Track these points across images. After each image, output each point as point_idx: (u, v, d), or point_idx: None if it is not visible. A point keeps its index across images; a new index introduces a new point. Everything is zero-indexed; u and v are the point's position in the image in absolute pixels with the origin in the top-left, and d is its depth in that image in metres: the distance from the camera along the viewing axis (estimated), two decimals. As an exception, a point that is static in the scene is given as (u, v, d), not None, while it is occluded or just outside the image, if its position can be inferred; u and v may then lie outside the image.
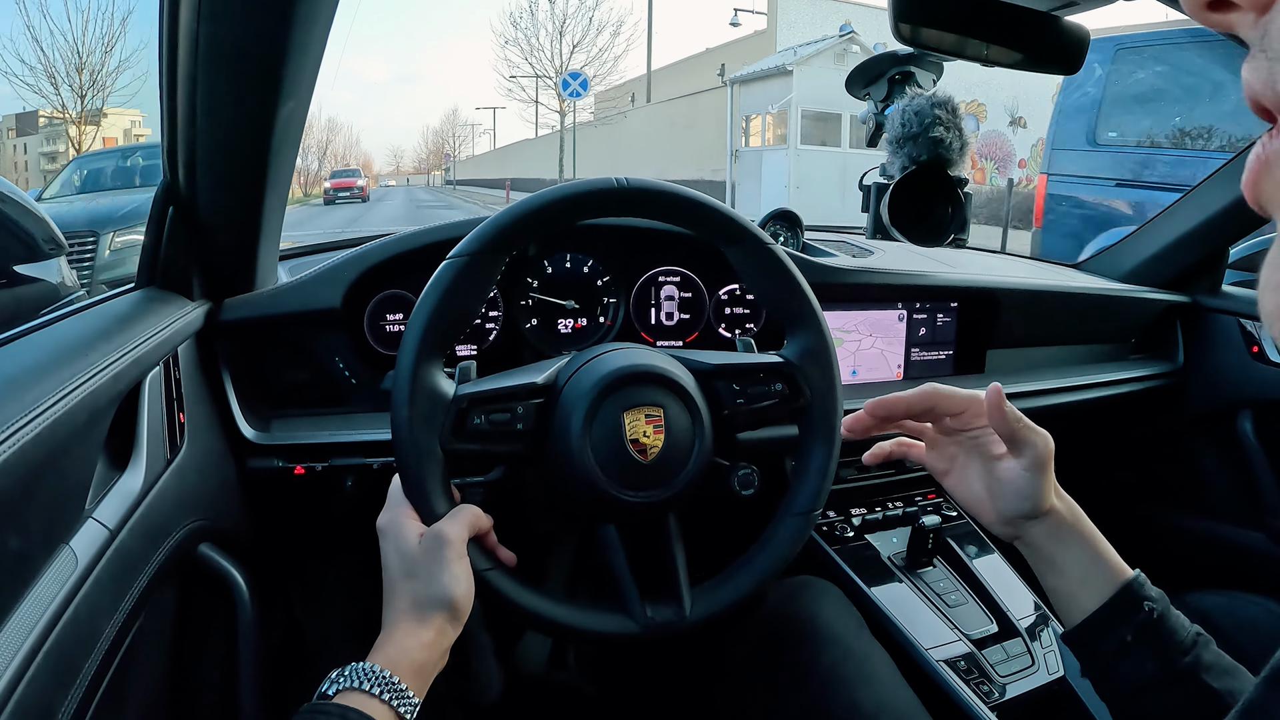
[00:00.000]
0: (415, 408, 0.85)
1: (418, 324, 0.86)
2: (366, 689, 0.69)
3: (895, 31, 1.09)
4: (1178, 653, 0.74)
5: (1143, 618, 0.77)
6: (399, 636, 0.76)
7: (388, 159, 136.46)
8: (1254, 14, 0.29)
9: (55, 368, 0.71)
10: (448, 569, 0.78)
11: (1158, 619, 0.77)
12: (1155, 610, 0.77)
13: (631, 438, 0.90)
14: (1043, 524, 0.84)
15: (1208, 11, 0.31)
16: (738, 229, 0.98)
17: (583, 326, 1.40)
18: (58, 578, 0.66)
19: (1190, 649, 0.75)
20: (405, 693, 0.71)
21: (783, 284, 0.99)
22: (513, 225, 0.90)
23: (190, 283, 1.08)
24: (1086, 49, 1.10)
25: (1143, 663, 0.75)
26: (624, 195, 0.94)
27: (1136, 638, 0.76)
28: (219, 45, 0.82)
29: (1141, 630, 0.76)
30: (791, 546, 0.97)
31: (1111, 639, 0.77)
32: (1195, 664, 0.74)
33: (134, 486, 0.82)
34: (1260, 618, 1.46)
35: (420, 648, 0.75)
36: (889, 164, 1.29)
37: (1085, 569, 0.82)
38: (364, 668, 0.71)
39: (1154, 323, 1.87)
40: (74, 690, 0.66)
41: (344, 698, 0.69)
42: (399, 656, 0.74)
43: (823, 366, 0.99)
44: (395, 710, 0.70)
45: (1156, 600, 0.78)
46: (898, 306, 1.56)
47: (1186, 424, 1.87)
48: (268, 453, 1.13)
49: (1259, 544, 1.73)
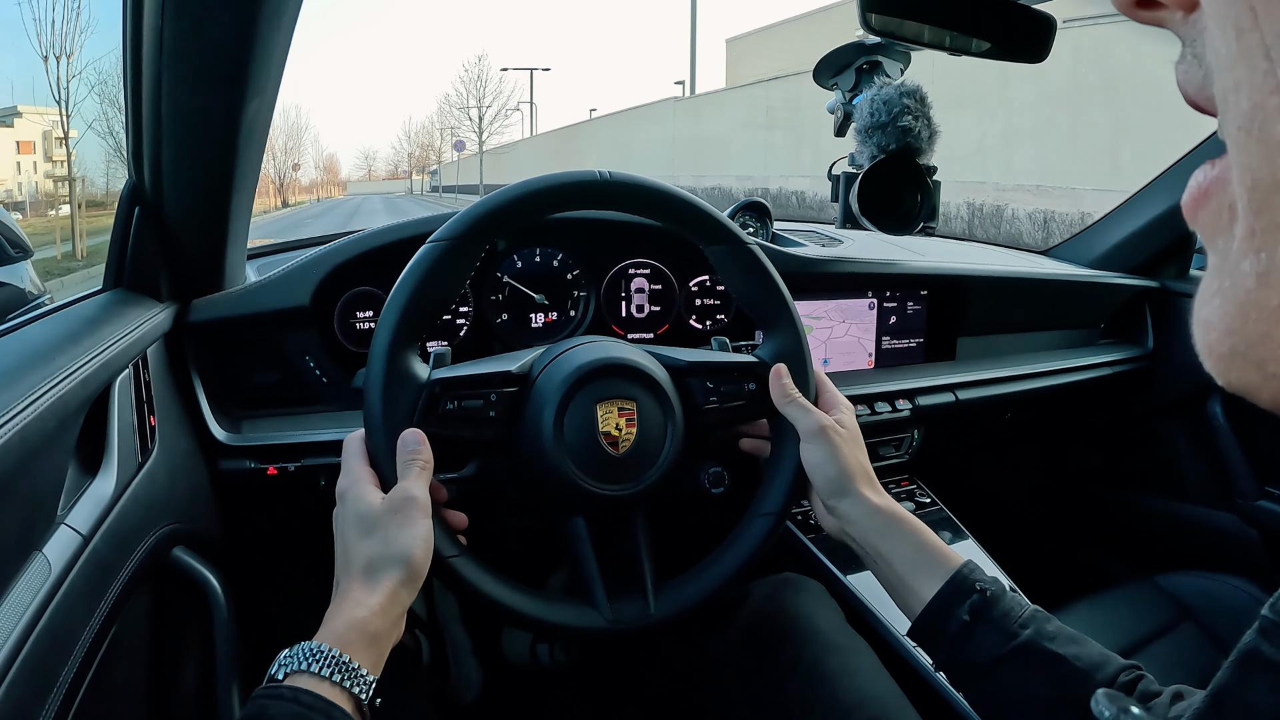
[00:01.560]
0: (389, 389, 0.84)
1: (395, 306, 0.86)
2: (315, 670, 0.66)
3: (863, 21, 1.09)
4: (1016, 625, 0.77)
5: (976, 599, 0.80)
6: (348, 607, 0.72)
7: (358, 163, 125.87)
8: (1181, 12, 0.29)
9: (23, 373, 0.70)
10: (410, 527, 0.77)
11: (991, 598, 0.80)
12: (989, 591, 0.80)
13: (604, 430, 0.91)
14: (864, 515, 0.90)
15: (1136, 9, 0.31)
16: (720, 229, 0.98)
17: (553, 320, 1.40)
18: (32, 585, 0.65)
19: (1029, 622, 0.78)
20: (358, 671, 0.68)
21: (761, 285, 1.00)
22: (495, 213, 0.90)
23: (158, 284, 1.07)
24: (1053, 37, 1.11)
25: (984, 638, 0.78)
26: (607, 188, 0.94)
27: (974, 616, 0.79)
28: (183, 44, 0.82)
29: (977, 610, 0.79)
30: (760, 546, 0.98)
31: (952, 621, 0.80)
32: (1037, 634, 0.76)
33: (106, 491, 0.81)
34: (1233, 598, 1.48)
35: (371, 616, 0.72)
36: (858, 153, 1.30)
37: (914, 558, 0.86)
38: (311, 647, 0.68)
39: (1123, 308, 1.89)
40: (51, 698, 0.65)
41: (295, 680, 0.66)
42: (348, 630, 0.70)
43: (797, 369, 1.00)
44: (347, 690, 0.67)
45: (990, 584, 0.81)
46: (868, 295, 1.56)
47: (1157, 408, 1.89)
48: (239, 454, 1.12)
49: (1230, 525, 1.75)
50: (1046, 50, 1.12)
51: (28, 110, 2.20)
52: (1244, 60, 0.25)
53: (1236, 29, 0.25)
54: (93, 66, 1.72)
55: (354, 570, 0.75)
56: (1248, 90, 0.25)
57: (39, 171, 2.14)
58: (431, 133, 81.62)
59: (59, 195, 2.29)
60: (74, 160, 2.18)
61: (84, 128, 2.14)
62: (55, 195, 2.29)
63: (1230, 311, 0.27)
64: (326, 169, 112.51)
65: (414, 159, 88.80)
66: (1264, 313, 0.26)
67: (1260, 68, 0.24)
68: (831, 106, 1.39)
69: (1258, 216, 0.25)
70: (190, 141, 0.94)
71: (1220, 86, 0.26)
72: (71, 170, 2.21)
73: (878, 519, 0.89)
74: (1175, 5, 0.29)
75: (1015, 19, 1.10)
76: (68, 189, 2.27)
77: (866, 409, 1.42)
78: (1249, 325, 0.27)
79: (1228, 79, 0.26)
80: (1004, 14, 1.09)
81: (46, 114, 1.97)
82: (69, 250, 2.22)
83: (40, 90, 1.67)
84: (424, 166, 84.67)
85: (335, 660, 0.67)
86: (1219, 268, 0.28)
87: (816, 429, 0.93)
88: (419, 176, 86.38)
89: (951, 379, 1.53)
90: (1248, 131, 0.25)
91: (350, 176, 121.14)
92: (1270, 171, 0.25)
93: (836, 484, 0.91)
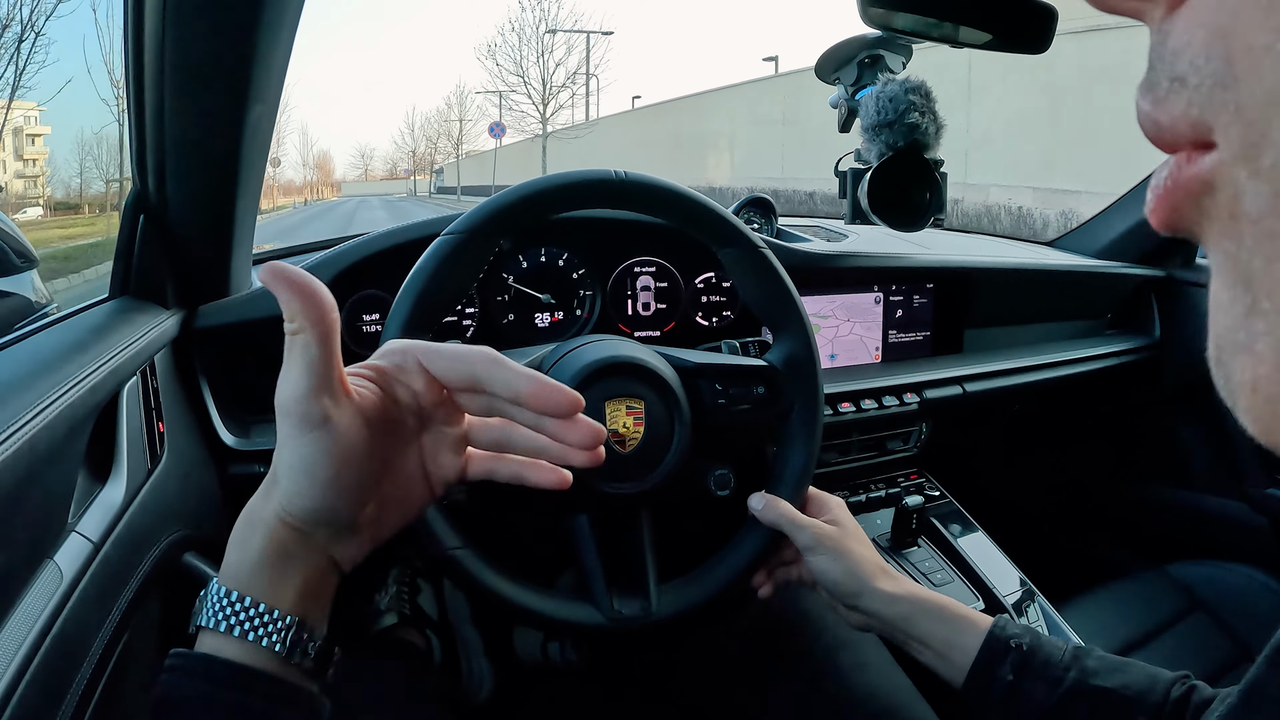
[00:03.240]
0: None
1: (408, 297, 0.87)
2: (213, 626, 0.53)
3: (864, 15, 1.09)
4: (1060, 670, 0.76)
5: (1015, 656, 0.79)
6: (240, 530, 0.57)
7: (353, 161, 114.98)
8: (1160, 3, 0.24)
9: (32, 381, 0.70)
10: (285, 371, 0.60)
11: (1030, 650, 0.79)
12: (1025, 644, 0.80)
13: (611, 428, 0.91)
14: (884, 606, 0.89)
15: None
16: (732, 231, 0.98)
17: (559, 320, 1.40)
18: (43, 593, 0.66)
19: (1071, 664, 0.77)
20: (261, 616, 0.53)
21: (772, 288, 1.00)
22: (511, 208, 0.91)
23: (164, 291, 1.07)
24: (1055, 28, 1.11)
25: (1032, 692, 0.77)
26: (621, 188, 0.94)
27: (1018, 674, 0.78)
28: (185, 51, 0.82)
29: (1019, 666, 0.78)
30: (763, 549, 0.98)
31: (996, 684, 0.79)
32: (1081, 674, 0.76)
33: (116, 498, 0.81)
34: (1243, 586, 1.48)
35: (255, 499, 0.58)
36: (865, 150, 1.30)
37: (945, 634, 0.85)
38: (211, 592, 0.55)
39: (1130, 298, 1.88)
40: (65, 705, 0.65)
41: (202, 641, 0.54)
42: (240, 561, 0.56)
43: (806, 374, 1.00)
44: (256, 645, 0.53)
45: (1023, 635, 0.81)
46: (874, 290, 1.56)
47: (1165, 397, 1.89)
48: (249, 459, 1.12)
49: (1240, 513, 1.75)
50: (1048, 41, 1.11)
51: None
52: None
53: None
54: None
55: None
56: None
57: (9, 171, 2.12)
58: (441, 124, 68.46)
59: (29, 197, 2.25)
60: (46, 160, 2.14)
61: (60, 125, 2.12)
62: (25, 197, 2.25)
63: (1276, 344, 0.22)
64: (318, 167, 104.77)
65: (417, 157, 79.35)
66: None
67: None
68: (834, 102, 1.38)
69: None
70: (194, 148, 0.94)
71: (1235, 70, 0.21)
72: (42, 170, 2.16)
73: (899, 606, 0.88)
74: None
75: (1016, 10, 1.09)
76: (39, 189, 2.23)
77: (874, 403, 1.42)
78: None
79: (1242, 65, 0.21)
80: (1005, 5, 1.09)
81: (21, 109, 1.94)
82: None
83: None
84: (430, 164, 74.41)
85: (230, 606, 0.54)
86: (1243, 280, 0.23)
87: (814, 541, 0.93)
88: (422, 176, 76.52)
89: (959, 371, 1.53)
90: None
91: (346, 176, 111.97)
92: None
93: (850, 585, 0.91)
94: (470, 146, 63.01)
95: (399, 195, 70.15)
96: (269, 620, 0.53)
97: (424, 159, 77.46)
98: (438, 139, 70.21)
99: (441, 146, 68.20)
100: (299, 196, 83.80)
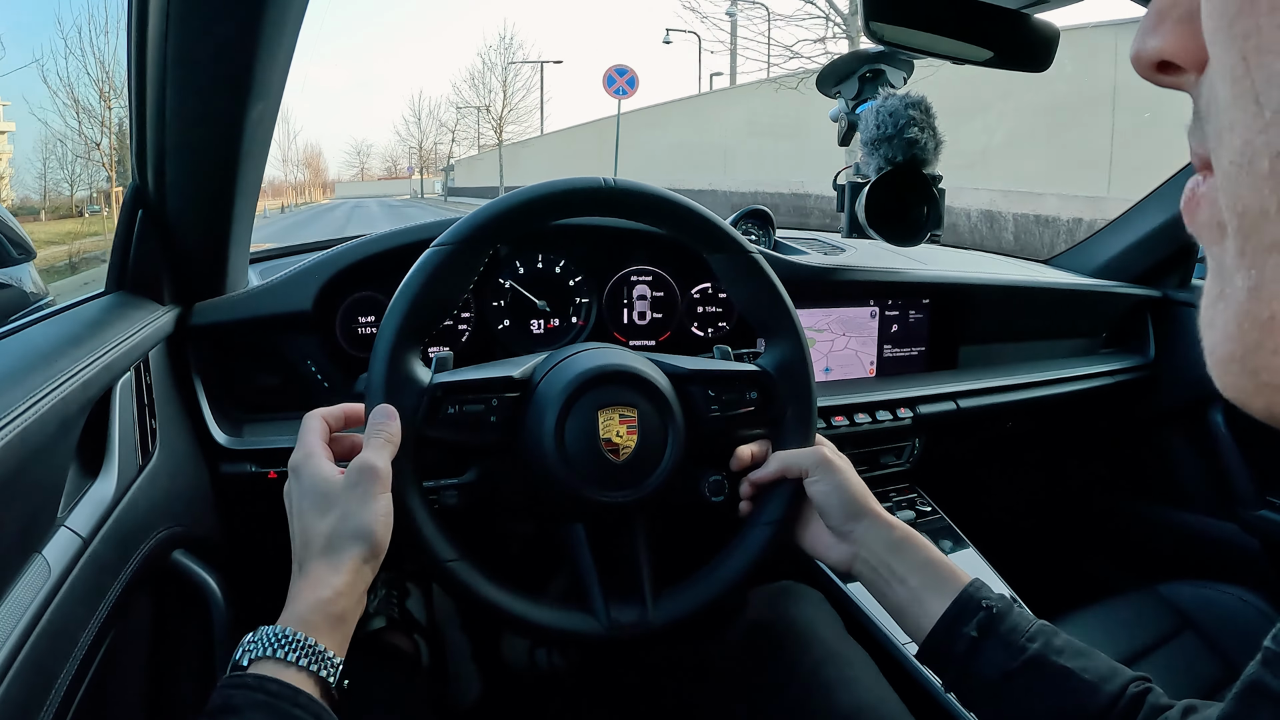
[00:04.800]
0: (390, 392, 0.85)
1: (398, 310, 0.87)
2: (281, 656, 0.65)
3: (867, 30, 1.09)
4: (1024, 639, 0.77)
5: (983, 616, 0.79)
6: (308, 589, 0.71)
7: (349, 159, 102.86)
8: (1194, 74, 0.31)
9: (25, 374, 0.70)
10: (370, 501, 0.75)
11: (998, 614, 0.79)
12: (995, 608, 0.80)
13: (604, 437, 0.91)
14: (880, 532, 0.90)
15: (1157, 73, 0.33)
16: (722, 236, 0.98)
17: (555, 327, 1.40)
18: (31, 587, 0.65)
19: (1037, 636, 0.77)
20: (324, 654, 0.67)
21: (763, 293, 1.00)
22: (500, 218, 0.91)
23: (160, 287, 1.07)
24: (1056, 47, 1.11)
25: (992, 654, 0.77)
26: (610, 195, 0.94)
27: (982, 633, 0.78)
28: (187, 48, 0.82)
29: (985, 626, 0.79)
30: (760, 555, 0.98)
31: (959, 640, 0.79)
32: (1045, 648, 0.76)
33: (106, 494, 0.81)
34: (1234, 608, 1.48)
35: (335, 596, 0.70)
36: (864, 164, 1.30)
37: (926, 575, 0.85)
38: (274, 632, 0.67)
39: (1125, 317, 1.88)
40: (50, 700, 0.65)
41: (259, 666, 0.65)
42: (310, 613, 0.69)
43: (799, 379, 1.00)
44: (314, 675, 0.66)
45: (996, 600, 0.81)
46: (869, 304, 1.56)
47: (1158, 417, 1.89)
48: (240, 458, 1.12)
49: (1231, 535, 1.75)
50: (1049, 59, 1.12)
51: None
52: (1237, 104, 0.27)
53: (1232, 78, 0.27)
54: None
55: (314, 549, 0.74)
56: (1240, 130, 0.27)
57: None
58: (451, 112, 58.51)
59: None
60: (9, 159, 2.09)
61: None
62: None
63: (1229, 319, 0.30)
64: (306, 165, 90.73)
65: (423, 154, 69.34)
66: (1255, 323, 0.28)
67: (1250, 110, 0.27)
68: (835, 115, 1.39)
69: (1247, 239, 0.28)
70: (194, 145, 0.94)
71: (1216, 126, 0.29)
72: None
73: (893, 534, 0.89)
74: (1189, 67, 0.31)
75: (1018, 28, 1.10)
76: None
77: (868, 417, 1.42)
78: (1244, 333, 0.29)
79: (1224, 119, 0.28)
80: (1007, 23, 1.09)
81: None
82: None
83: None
84: (441, 161, 64.27)
85: (300, 644, 0.66)
86: (1217, 274, 0.31)
87: (820, 459, 0.94)
88: (429, 175, 67.83)
89: (953, 387, 1.53)
90: (1239, 166, 0.28)
91: (341, 175, 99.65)
92: (1258, 201, 0.27)
93: (851, 507, 0.91)
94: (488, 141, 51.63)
95: (401, 197, 64.39)
96: (328, 660, 0.67)
97: (430, 155, 69.72)
98: (459, 123, 57.95)
99: (465, 129, 56.58)
100: (283, 199, 66.78)
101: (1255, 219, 0.27)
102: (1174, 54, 0.31)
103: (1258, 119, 0.27)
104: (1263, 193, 0.27)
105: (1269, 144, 0.26)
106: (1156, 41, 0.32)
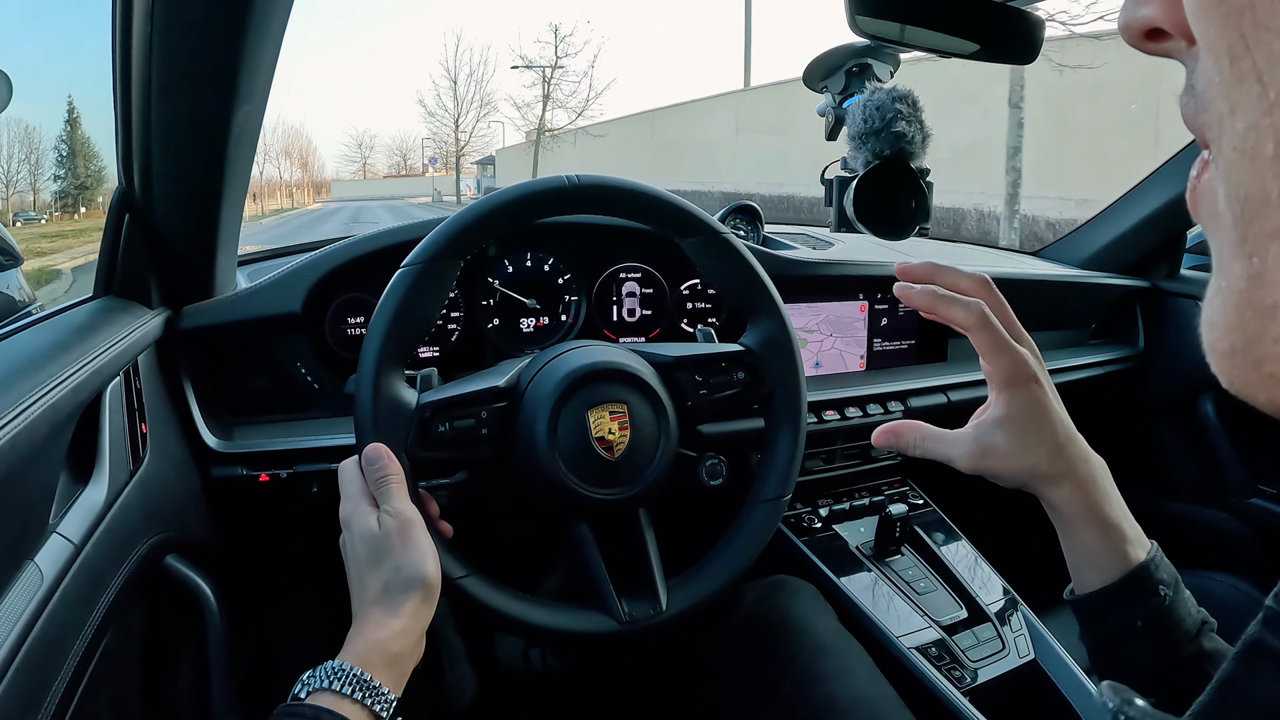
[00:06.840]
0: (379, 419, 0.85)
1: (376, 334, 0.86)
2: (338, 689, 0.68)
3: (851, 24, 1.09)
4: (1183, 641, 0.72)
5: (1154, 604, 0.73)
6: (369, 630, 0.74)
7: (347, 156, 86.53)
8: (1185, 42, 0.30)
9: (14, 380, 0.70)
10: (415, 546, 0.78)
11: (1169, 606, 0.73)
12: (1167, 597, 0.74)
13: (597, 435, 0.91)
14: (1088, 458, 0.82)
15: (1146, 40, 0.33)
16: (691, 220, 0.99)
17: (545, 325, 1.40)
18: (24, 594, 0.65)
19: (1194, 637, 0.72)
20: (379, 689, 0.69)
21: (740, 273, 1.01)
22: (465, 230, 0.91)
23: (148, 291, 1.07)
24: (1042, 39, 1.12)
25: (1145, 650, 0.73)
26: (576, 193, 0.95)
27: (1146, 624, 0.73)
28: (173, 50, 0.81)
29: (1151, 618, 0.73)
30: (762, 534, 0.98)
31: (1121, 617, 0.74)
32: (1197, 653, 0.72)
33: (97, 499, 0.80)
34: (1226, 595, 1.49)
35: (393, 637, 0.73)
36: (851, 158, 1.30)
37: (1104, 532, 0.78)
38: (334, 666, 0.69)
39: (1114, 308, 1.89)
40: (44, 707, 0.65)
41: (316, 699, 0.67)
42: (370, 651, 0.72)
43: (784, 353, 1.00)
44: (369, 709, 0.68)
45: (1169, 583, 0.74)
46: (859, 298, 1.57)
47: (1149, 407, 1.90)
48: (231, 461, 1.11)
49: (1223, 523, 1.76)
50: (1036, 51, 1.12)
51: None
52: (1238, 85, 0.26)
53: (1230, 56, 0.27)
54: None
55: (370, 596, 0.76)
56: (1243, 113, 0.26)
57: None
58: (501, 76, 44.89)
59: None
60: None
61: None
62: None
63: (1229, 310, 0.29)
64: (287, 154, 69.76)
65: (459, 135, 39.92)
66: (1258, 311, 0.28)
67: (1254, 91, 0.26)
68: (821, 110, 1.39)
69: (1248, 226, 0.27)
70: (180, 148, 0.94)
71: (1216, 111, 0.28)
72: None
73: (1092, 466, 0.83)
74: (1181, 35, 0.30)
75: (1004, 20, 1.10)
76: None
77: (858, 410, 1.42)
78: (1245, 324, 0.28)
79: (1223, 104, 0.27)
80: (993, 15, 1.09)
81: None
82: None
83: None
84: (475, 151, 44.51)
85: (356, 678, 0.69)
86: (1217, 267, 0.30)
87: (1038, 362, 0.83)
88: (450, 173, 44.48)
89: (943, 380, 1.53)
90: (1241, 151, 0.27)
91: (339, 174, 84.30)
92: (1260, 187, 0.26)
93: (1062, 431, 0.83)
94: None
95: (418, 200, 48.82)
96: (383, 696, 0.70)
97: (463, 143, 41.12)
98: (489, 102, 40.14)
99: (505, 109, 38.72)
100: (260, 204, 49.41)
101: (1257, 205, 0.27)
102: (1165, 22, 0.31)
103: (1262, 99, 0.26)
104: (1265, 178, 0.26)
105: (1274, 126, 0.26)
106: (1148, 10, 0.31)
